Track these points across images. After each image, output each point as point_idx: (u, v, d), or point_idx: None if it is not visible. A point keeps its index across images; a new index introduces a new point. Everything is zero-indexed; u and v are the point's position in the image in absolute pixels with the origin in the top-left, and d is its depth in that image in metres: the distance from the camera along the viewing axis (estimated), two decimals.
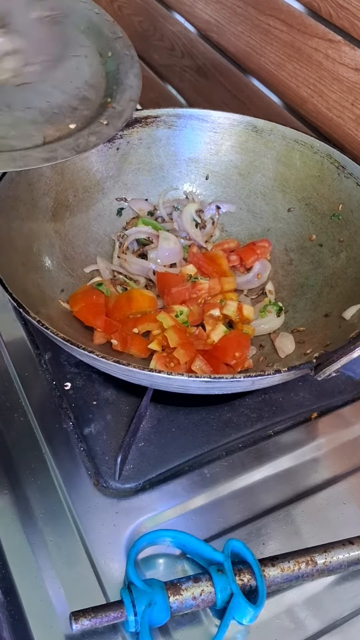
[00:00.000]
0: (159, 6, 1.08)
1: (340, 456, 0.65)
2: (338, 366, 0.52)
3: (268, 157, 0.81)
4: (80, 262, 0.77)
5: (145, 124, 0.81)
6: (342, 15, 0.75)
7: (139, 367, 0.52)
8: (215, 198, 0.85)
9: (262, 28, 0.88)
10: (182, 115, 0.82)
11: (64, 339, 0.53)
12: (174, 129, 0.82)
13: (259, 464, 0.63)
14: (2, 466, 0.61)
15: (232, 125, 0.82)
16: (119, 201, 0.83)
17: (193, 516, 0.59)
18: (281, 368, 0.54)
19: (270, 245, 0.80)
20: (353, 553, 0.54)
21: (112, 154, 0.81)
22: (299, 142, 0.78)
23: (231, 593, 0.50)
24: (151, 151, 0.83)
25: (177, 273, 0.76)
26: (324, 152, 0.76)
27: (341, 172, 0.75)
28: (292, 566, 0.53)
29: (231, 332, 0.69)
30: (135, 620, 0.48)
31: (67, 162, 0.76)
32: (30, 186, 0.72)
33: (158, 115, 0.81)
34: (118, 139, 0.80)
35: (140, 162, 0.83)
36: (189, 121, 0.82)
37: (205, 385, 0.54)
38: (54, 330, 0.54)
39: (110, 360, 0.52)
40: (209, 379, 0.52)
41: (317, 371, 0.54)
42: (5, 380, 0.69)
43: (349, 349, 0.51)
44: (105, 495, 0.59)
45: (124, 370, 0.53)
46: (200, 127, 0.82)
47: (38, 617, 0.51)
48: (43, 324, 0.54)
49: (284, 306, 0.75)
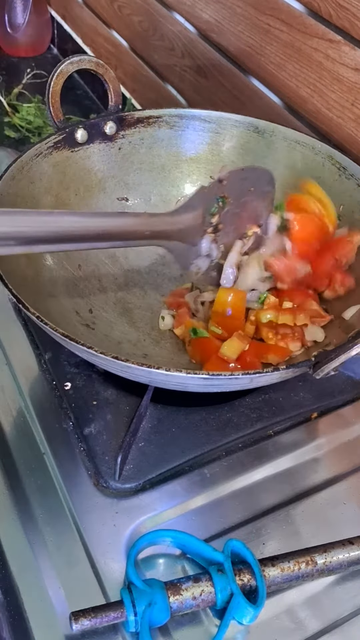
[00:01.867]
0: (159, 6, 1.08)
1: (340, 456, 0.65)
2: (337, 364, 0.52)
3: (269, 158, 0.81)
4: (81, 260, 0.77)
5: (147, 124, 0.81)
6: (342, 15, 0.75)
7: (137, 363, 0.51)
8: None
9: (262, 28, 0.88)
10: (184, 115, 0.82)
11: (63, 334, 0.53)
12: (176, 129, 0.82)
13: (259, 464, 0.63)
14: (2, 466, 0.61)
15: (234, 126, 0.82)
16: (120, 200, 0.83)
17: (193, 516, 0.59)
18: (280, 366, 0.54)
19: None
20: (353, 553, 0.54)
21: (113, 153, 0.81)
22: (301, 143, 0.78)
23: (231, 593, 0.50)
24: (153, 151, 0.83)
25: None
26: (325, 154, 0.76)
27: (342, 173, 0.75)
28: (292, 566, 0.53)
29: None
30: (135, 620, 0.48)
31: (69, 161, 0.76)
32: (32, 184, 0.72)
33: (160, 115, 0.81)
34: (120, 139, 0.80)
35: (141, 162, 0.83)
36: (191, 122, 0.82)
37: (203, 382, 0.54)
38: (52, 326, 0.53)
39: (109, 356, 0.52)
40: (207, 375, 0.52)
41: (316, 369, 0.54)
42: (5, 380, 0.69)
43: (347, 347, 0.51)
44: (105, 495, 0.59)
45: (122, 367, 0.53)
46: (202, 127, 0.82)
47: (38, 617, 0.51)
48: (42, 319, 0.54)
49: None
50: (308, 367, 0.54)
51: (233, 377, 0.52)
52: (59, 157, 0.75)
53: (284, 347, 0.66)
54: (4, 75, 1.30)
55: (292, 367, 0.54)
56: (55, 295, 0.71)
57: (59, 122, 0.74)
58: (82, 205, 0.79)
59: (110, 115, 0.78)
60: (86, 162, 0.79)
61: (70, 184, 0.77)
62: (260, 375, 0.53)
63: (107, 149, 0.80)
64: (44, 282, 0.71)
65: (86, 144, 0.77)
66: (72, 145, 0.76)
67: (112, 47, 1.27)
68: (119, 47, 1.24)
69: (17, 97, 1.22)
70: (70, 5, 1.38)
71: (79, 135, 0.76)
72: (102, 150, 0.80)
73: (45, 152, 0.73)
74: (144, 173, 0.84)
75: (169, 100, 1.13)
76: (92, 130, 0.77)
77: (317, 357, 0.54)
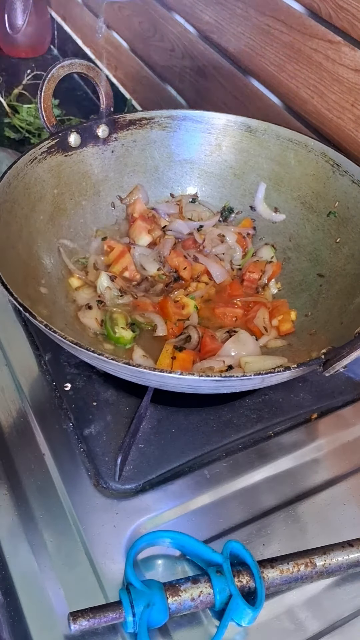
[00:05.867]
0: (159, 7, 1.08)
1: (340, 457, 0.65)
2: (348, 362, 0.52)
3: (262, 157, 0.81)
4: None
5: (139, 125, 0.81)
6: (342, 16, 0.75)
7: (150, 368, 0.52)
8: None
9: (262, 29, 0.88)
10: (176, 116, 0.82)
11: (72, 342, 0.53)
12: (168, 130, 0.82)
13: (259, 464, 0.63)
14: (2, 466, 0.61)
15: (226, 126, 0.82)
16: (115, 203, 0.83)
17: (193, 517, 0.59)
18: (290, 365, 0.54)
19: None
20: (352, 555, 0.54)
21: (107, 156, 0.81)
22: (293, 141, 0.78)
23: (230, 594, 0.50)
24: (146, 153, 0.83)
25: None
26: (319, 151, 0.77)
27: (336, 170, 0.75)
28: (291, 568, 0.53)
29: None
30: (134, 620, 0.48)
31: (63, 166, 0.76)
32: (28, 190, 0.72)
33: (152, 117, 0.81)
34: (113, 142, 0.80)
35: (135, 164, 0.83)
36: (183, 122, 0.82)
37: (215, 384, 0.54)
38: (61, 334, 0.54)
39: (121, 362, 0.52)
40: (220, 378, 0.52)
41: (326, 367, 0.54)
42: (5, 381, 0.69)
43: (357, 344, 0.51)
44: (105, 496, 0.59)
45: (133, 372, 0.53)
46: (194, 128, 0.82)
47: (38, 618, 0.51)
48: (50, 327, 0.54)
49: None
50: (319, 365, 0.54)
51: (245, 378, 0.52)
52: (53, 162, 0.75)
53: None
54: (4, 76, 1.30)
55: (303, 366, 0.54)
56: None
57: (52, 127, 0.74)
58: (78, 209, 0.79)
59: (102, 118, 0.78)
60: (80, 166, 0.79)
61: (65, 188, 0.77)
62: (272, 375, 0.53)
63: (100, 152, 0.80)
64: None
65: (79, 147, 0.78)
66: (65, 149, 0.76)
67: (112, 48, 1.27)
68: (119, 48, 1.24)
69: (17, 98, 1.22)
70: (70, 6, 1.38)
71: (72, 140, 0.76)
72: (95, 154, 0.80)
73: (40, 157, 0.73)
74: (138, 175, 0.84)
75: (169, 101, 1.13)
76: (84, 134, 0.77)
77: (327, 355, 0.54)
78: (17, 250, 0.68)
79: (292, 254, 0.79)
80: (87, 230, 0.80)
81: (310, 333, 0.71)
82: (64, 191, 0.77)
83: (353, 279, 0.70)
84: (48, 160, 0.74)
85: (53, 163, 0.75)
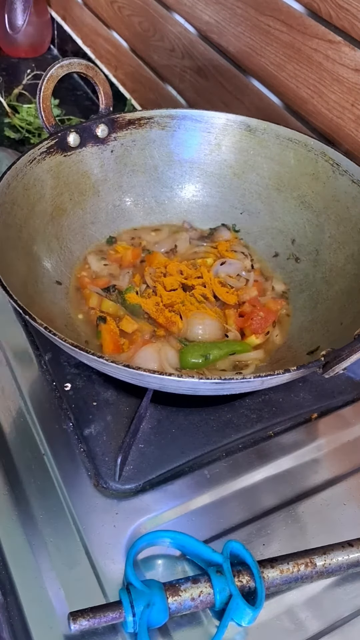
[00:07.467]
0: (159, 7, 1.08)
1: (340, 457, 0.65)
2: (347, 364, 0.52)
3: (262, 156, 0.81)
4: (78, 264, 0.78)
5: (138, 125, 0.81)
6: (342, 15, 0.75)
7: (149, 370, 0.52)
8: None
9: (262, 29, 0.88)
10: (175, 116, 0.82)
11: (72, 344, 0.53)
12: (168, 129, 0.82)
13: (259, 464, 0.63)
14: (2, 466, 0.61)
15: (226, 125, 0.81)
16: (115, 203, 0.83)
17: (193, 517, 0.59)
18: (290, 367, 0.54)
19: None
20: (352, 555, 0.54)
21: (106, 156, 0.81)
22: (293, 140, 0.78)
23: (230, 594, 0.50)
24: (145, 152, 0.83)
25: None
26: (318, 150, 0.77)
27: (336, 169, 0.75)
28: (291, 568, 0.53)
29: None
30: (134, 620, 0.48)
31: (62, 166, 0.76)
32: (27, 191, 0.72)
33: (151, 116, 0.81)
34: (112, 142, 0.80)
35: (134, 164, 0.83)
36: (182, 122, 0.82)
37: (215, 386, 0.54)
38: (61, 337, 0.53)
39: (120, 365, 0.52)
40: (220, 380, 0.52)
41: (326, 369, 0.54)
42: (5, 381, 0.69)
43: (357, 347, 0.51)
44: (105, 496, 0.59)
45: (133, 374, 0.53)
46: (194, 127, 0.82)
47: (38, 618, 0.51)
48: (51, 330, 0.54)
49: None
50: (318, 367, 0.54)
51: (245, 380, 0.52)
52: (52, 162, 0.75)
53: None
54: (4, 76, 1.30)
55: (303, 368, 0.54)
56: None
57: (51, 127, 0.74)
58: (78, 209, 0.79)
59: (101, 118, 0.78)
60: (79, 166, 0.78)
61: (65, 188, 0.77)
62: (272, 377, 0.53)
63: (99, 152, 0.80)
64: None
65: (78, 147, 0.77)
66: (64, 149, 0.76)
67: (112, 47, 1.27)
68: (119, 48, 1.24)
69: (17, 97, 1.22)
70: (70, 6, 1.38)
71: (71, 140, 0.76)
72: (94, 154, 0.79)
73: (39, 157, 0.73)
74: (137, 175, 0.83)
75: (169, 101, 1.13)
76: (84, 134, 0.77)
77: (327, 357, 0.54)
78: (17, 251, 0.68)
79: (291, 254, 0.79)
80: (86, 230, 0.80)
81: (310, 333, 0.71)
82: (64, 191, 0.77)
83: (353, 279, 0.70)
84: (47, 160, 0.74)
85: (52, 163, 0.75)
